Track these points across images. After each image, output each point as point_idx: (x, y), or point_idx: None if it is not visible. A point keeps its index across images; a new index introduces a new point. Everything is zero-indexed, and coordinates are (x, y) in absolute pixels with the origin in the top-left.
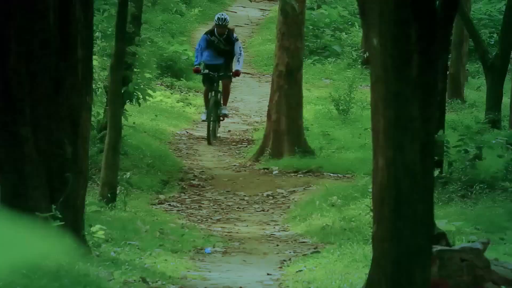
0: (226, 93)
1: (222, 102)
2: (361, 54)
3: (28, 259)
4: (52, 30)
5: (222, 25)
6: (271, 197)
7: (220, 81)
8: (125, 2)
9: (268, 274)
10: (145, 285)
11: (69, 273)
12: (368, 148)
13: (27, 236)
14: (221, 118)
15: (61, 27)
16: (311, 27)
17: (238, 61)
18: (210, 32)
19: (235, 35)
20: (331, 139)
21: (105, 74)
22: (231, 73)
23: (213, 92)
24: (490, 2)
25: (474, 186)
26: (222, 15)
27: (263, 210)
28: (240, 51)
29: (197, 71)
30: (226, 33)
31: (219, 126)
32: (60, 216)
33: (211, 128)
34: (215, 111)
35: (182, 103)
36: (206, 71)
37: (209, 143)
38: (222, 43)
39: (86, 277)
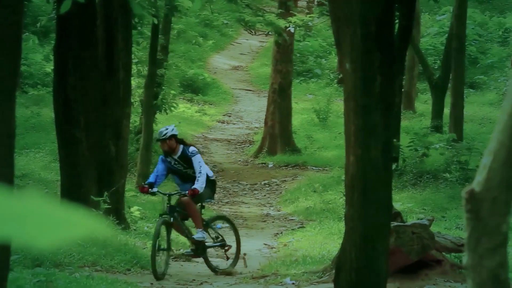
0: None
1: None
2: (337, 75)
3: (81, 233)
4: (101, 57)
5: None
6: (267, 185)
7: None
8: (156, 36)
9: (264, 244)
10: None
11: (113, 242)
12: (342, 147)
13: (81, 216)
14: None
15: (107, 55)
16: (298, 54)
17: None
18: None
19: (191, 148)
20: (314, 140)
21: (141, 91)
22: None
23: None
24: (434, 36)
25: (422, 177)
26: (165, 128)
27: (261, 195)
28: (200, 167)
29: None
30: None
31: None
32: (108, 201)
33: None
34: None
35: (199, 113)
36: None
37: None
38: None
39: (126, 246)
